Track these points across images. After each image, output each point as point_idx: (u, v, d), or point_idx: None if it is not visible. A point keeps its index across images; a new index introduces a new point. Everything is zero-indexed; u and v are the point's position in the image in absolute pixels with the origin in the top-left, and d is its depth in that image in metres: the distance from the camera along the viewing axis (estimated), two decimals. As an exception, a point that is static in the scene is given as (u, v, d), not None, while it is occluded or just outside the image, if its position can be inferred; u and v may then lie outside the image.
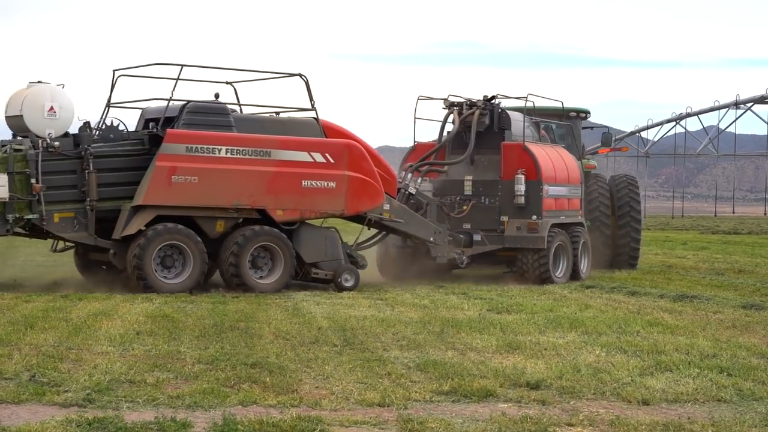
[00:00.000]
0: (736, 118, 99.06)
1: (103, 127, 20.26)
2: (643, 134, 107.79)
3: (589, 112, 29.29)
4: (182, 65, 20.01)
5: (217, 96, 20.96)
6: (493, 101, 24.65)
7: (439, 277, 23.08)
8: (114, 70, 20.28)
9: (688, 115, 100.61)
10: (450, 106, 24.80)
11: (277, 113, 22.14)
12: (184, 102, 20.28)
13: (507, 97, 25.17)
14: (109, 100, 20.52)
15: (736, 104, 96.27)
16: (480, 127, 24.25)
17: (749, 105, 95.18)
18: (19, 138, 19.67)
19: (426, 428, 8.75)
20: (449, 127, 25.03)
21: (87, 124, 20.17)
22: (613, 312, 17.03)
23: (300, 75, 21.32)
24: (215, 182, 19.90)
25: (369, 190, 21.53)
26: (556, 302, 18.54)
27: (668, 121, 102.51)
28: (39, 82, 19.84)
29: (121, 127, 20.43)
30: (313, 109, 21.41)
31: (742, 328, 15.43)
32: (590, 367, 11.56)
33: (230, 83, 22.32)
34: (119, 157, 19.98)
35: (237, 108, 21.94)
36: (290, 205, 20.72)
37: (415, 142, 25.14)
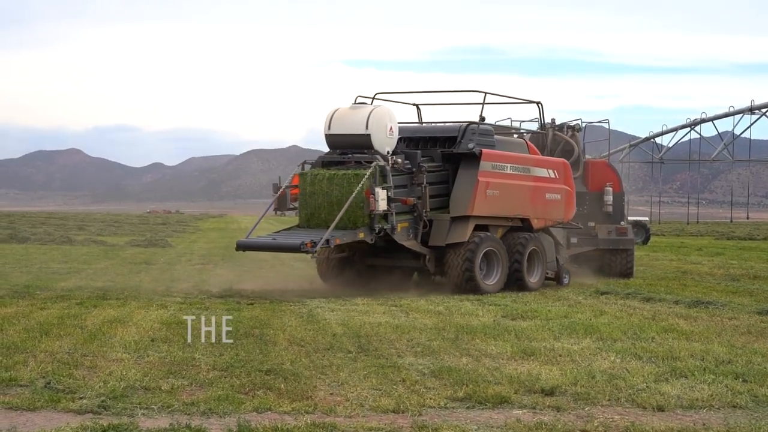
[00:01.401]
0: (751, 124, 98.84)
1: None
2: (658, 140, 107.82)
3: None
4: (485, 92, 23.19)
5: (482, 119, 23.25)
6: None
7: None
8: (375, 94, 23.63)
9: (703, 120, 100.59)
10: (553, 127, 27.85)
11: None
12: (465, 123, 22.91)
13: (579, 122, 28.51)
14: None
15: (751, 110, 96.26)
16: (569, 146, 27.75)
17: (764, 110, 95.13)
18: (375, 155, 21.52)
19: (440, 435, 8.75)
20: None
21: (418, 140, 22.93)
22: (628, 318, 17.00)
23: (537, 103, 25.03)
24: (507, 195, 22.94)
25: (572, 201, 25.08)
26: (570, 308, 18.52)
27: (683, 126, 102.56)
28: (363, 103, 22.31)
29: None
30: (544, 131, 25.47)
31: (757, 333, 15.39)
32: (605, 373, 11.54)
33: (416, 105, 25.23)
34: (435, 172, 22.37)
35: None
36: (541, 215, 24.05)
37: None
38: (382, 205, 20.68)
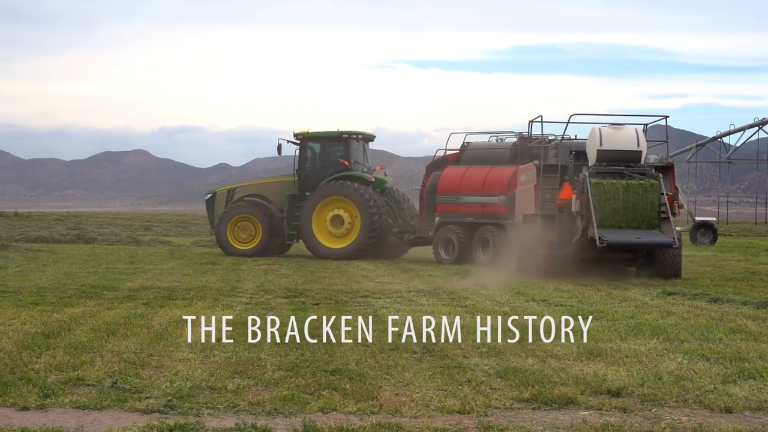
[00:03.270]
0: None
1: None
2: (726, 139, 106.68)
3: (362, 133, 36.33)
4: (666, 116, 27.06)
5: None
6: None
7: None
8: (571, 115, 27.11)
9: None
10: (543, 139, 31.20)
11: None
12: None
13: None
14: (562, 137, 27.53)
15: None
16: None
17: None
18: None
19: (506, 436, 8.71)
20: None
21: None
22: (696, 319, 16.84)
23: (665, 117, 27.58)
24: None
25: None
26: (637, 309, 18.37)
27: (751, 126, 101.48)
28: (620, 123, 26.23)
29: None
30: (666, 142, 28.49)
31: (827, 335, 15.17)
32: (672, 374, 11.45)
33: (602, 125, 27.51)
34: None
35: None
36: None
37: None
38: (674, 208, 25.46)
